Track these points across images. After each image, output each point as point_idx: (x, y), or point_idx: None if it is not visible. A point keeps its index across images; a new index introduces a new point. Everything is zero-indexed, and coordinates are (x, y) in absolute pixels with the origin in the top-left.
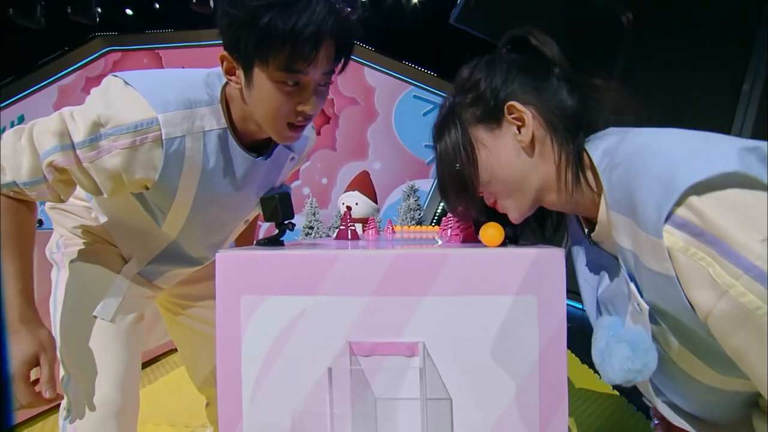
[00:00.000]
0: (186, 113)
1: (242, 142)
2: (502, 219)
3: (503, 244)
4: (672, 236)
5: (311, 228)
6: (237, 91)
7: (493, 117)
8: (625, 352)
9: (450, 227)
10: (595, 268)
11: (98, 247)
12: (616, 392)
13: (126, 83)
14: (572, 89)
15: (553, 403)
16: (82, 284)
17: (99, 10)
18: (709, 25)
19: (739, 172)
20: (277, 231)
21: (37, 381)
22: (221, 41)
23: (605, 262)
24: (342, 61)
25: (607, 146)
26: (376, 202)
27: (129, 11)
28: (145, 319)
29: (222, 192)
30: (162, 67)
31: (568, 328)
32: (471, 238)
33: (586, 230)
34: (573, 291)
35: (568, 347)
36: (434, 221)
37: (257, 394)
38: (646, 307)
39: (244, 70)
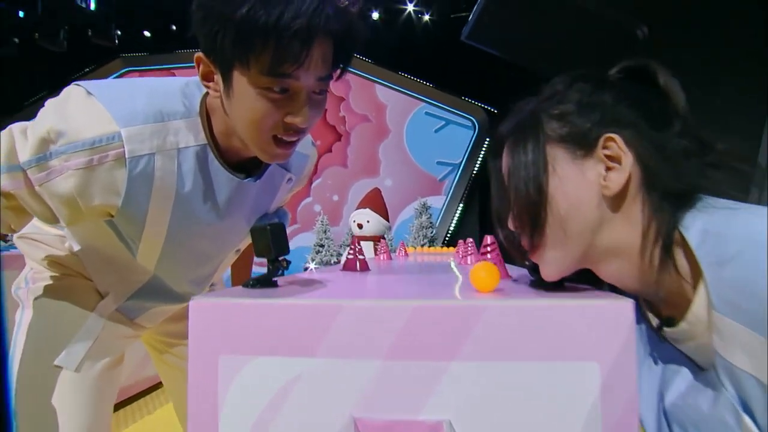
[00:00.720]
0: (156, 127)
1: (226, 160)
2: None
3: (546, 289)
4: None
5: (322, 246)
6: (218, 101)
7: (582, 142)
8: None
9: (470, 254)
10: (660, 362)
11: (70, 282)
12: None
13: (88, 93)
14: (690, 151)
15: None
16: (47, 325)
17: (119, 32)
18: (730, 38)
19: None
20: (268, 268)
21: None
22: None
23: (677, 359)
24: (342, 64)
25: (707, 224)
26: (387, 220)
27: (147, 33)
28: (130, 360)
29: (203, 219)
30: None
31: None
32: (497, 261)
33: (654, 321)
34: None
35: None
36: (446, 240)
37: None
38: None
39: (222, 74)
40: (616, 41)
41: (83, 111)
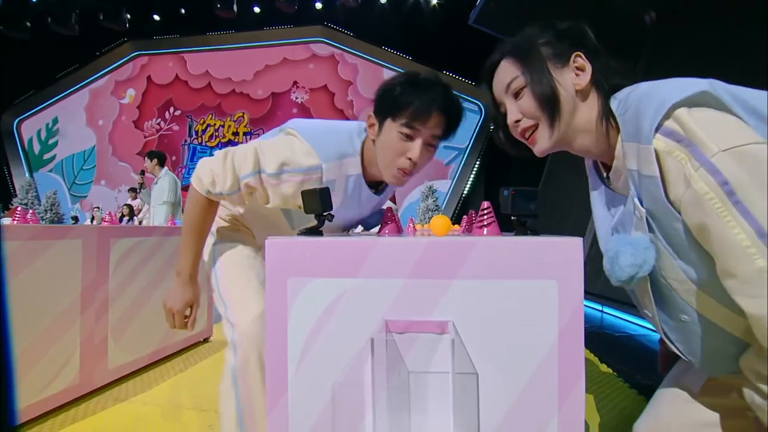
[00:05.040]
0: (339, 163)
1: (368, 182)
2: (520, 211)
3: (525, 234)
4: (660, 142)
5: None
6: (370, 144)
7: (561, 57)
8: (629, 251)
9: (474, 223)
10: (610, 204)
11: (240, 231)
12: (633, 390)
13: (304, 139)
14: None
15: (571, 380)
16: (231, 245)
17: (128, 16)
18: (735, 24)
19: (707, 91)
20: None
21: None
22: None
23: (619, 200)
24: (450, 132)
25: (620, 96)
26: (394, 202)
27: (156, 17)
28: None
29: (351, 209)
30: (186, 69)
31: (590, 329)
32: (495, 232)
33: (605, 174)
34: (603, 296)
35: (589, 347)
36: (452, 222)
37: (301, 368)
38: (643, 211)
39: (379, 123)
40: (623, 25)
41: (303, 151)
